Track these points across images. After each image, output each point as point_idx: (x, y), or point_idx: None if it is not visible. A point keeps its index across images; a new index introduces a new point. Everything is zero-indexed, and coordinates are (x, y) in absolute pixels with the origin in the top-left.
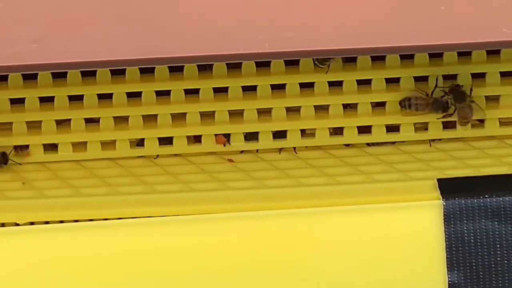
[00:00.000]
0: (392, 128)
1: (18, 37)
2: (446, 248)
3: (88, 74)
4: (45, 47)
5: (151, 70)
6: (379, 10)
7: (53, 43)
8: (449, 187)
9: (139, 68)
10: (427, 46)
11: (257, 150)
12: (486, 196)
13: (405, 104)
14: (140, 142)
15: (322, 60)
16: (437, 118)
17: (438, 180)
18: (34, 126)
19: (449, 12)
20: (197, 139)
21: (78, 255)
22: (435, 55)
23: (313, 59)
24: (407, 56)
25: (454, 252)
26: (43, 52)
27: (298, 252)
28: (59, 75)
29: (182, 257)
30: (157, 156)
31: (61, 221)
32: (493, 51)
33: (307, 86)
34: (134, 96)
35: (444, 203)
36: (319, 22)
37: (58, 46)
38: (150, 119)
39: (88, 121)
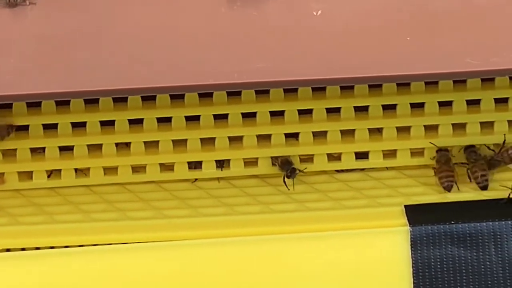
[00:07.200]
0: (362, 155)
1: None
2: (413, 273)
3: (62, 103)
4: (20, 78)
5: (124, 100)
6: (347, 41)
7: (28, 74)
8: (416, 213)
9: (112, 98)
10: (393, 77)
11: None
12: (452, 222)
13: None
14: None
15: None
16: None
17: (405, 206)
18: (9, 154)
19: (414, 43)
20: (170, 166)
21: (54, 281)
22: (403, 84)
23: None
24: (375, 86)
25: (421, 277)
26: (18, 83)
27: (264, 278)
28: (33, 104)
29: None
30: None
31: (37, 248)
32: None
33: (277, 115)
34: (107, 124)
35: (411, 229)
36: (288, 53)
37: (33, 77)
38: (123, 147)
39: (63, 149)
